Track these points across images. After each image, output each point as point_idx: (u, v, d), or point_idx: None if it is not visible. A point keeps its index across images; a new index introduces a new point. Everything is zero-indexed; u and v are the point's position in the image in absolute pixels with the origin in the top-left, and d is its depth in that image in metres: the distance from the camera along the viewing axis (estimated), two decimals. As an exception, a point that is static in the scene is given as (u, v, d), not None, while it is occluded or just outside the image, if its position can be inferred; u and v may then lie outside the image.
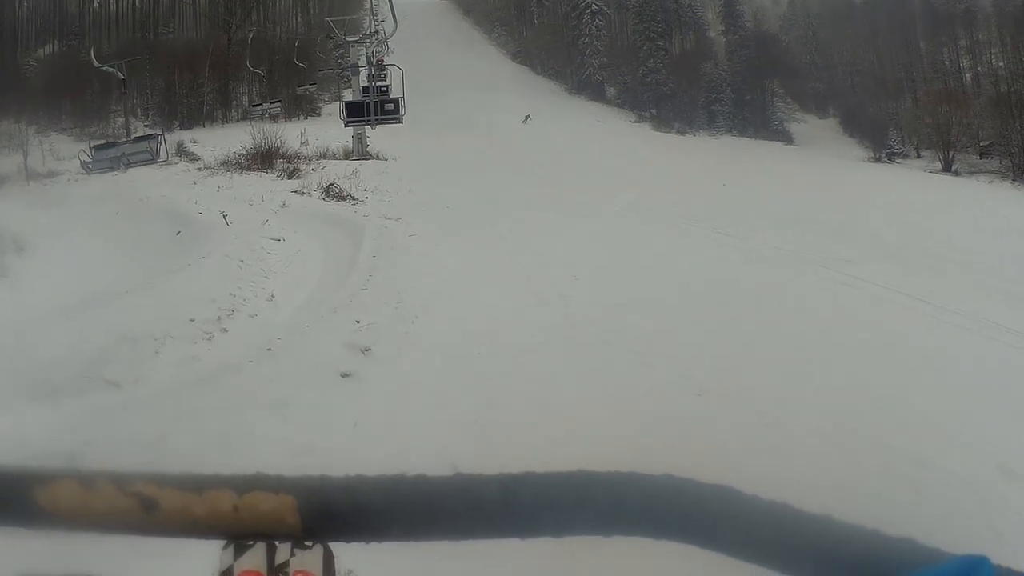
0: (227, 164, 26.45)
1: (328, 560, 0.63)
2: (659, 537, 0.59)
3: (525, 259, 13.64)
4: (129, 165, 31.22)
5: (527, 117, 57.18)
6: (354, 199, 19.94)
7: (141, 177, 25.89)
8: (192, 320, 8.93)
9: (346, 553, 0.65)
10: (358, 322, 8.90)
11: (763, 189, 36.43)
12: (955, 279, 15.94)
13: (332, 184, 20.62)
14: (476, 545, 0.60)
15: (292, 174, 24.03)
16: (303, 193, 20.17)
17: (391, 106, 33.27)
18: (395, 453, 5.34)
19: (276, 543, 0.62)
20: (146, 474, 0.61)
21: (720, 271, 14.54)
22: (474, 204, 20.77)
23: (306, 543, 0.63)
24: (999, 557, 0.55)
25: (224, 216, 14.60)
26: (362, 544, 0.63)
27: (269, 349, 8.08)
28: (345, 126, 34.18)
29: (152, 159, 31.71)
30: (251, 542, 0.62)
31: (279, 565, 0.62)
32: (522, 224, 17.82)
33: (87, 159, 33.35)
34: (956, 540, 0.62)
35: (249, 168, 25.44)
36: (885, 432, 6.52)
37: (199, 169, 26.64)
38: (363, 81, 35.76)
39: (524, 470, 0.60)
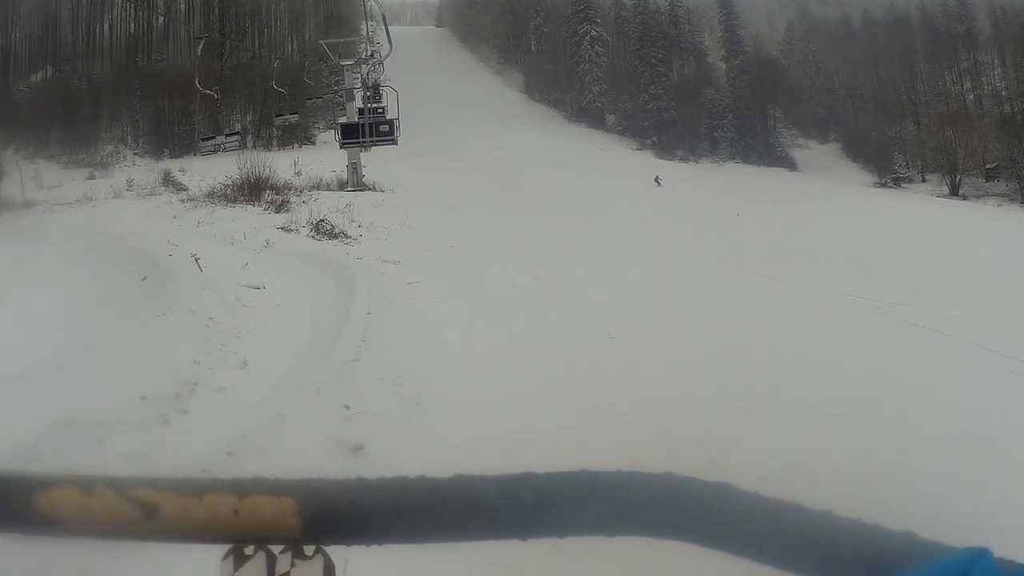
0: (212, 196, 24.78)
1: (328, 569, 0.63)
2: (661, 536, 0.59)
3: (545, 313, 11.75)
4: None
5: (657, 179, 52.70)
6: (347, 237, 18.06)
7: (120, 209, 24.12)
8: (144, 398, 7.05)
9: (346, 556, 0.64)
10: (347, 407, 6.98)
11: (779, 220, 35.17)
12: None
13: (323, 220, 18.75)
14: (478, 546, 0.59)
15: (280, 207, 22.26)
16: (290, 230, 18.30)
17: (386, 128, 32.01)
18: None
19: (276, 552, 0.62)
20: (146, 479, 0.61)
21: (779, 324, 12.65)
22: (478, 243, 18.82)
23: (306, 552, 0.62)
24: (1000, 550, 0.54)
25: (197, 260, 12.73)
26: (363, 547, 0.62)
27: (231, 453, 6.19)
28: (341, 147, 32.81)
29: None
30: (250, 551, 0.62)
31: (279, 575, 0.62)
32: (537, 267, 15.92)
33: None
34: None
35: (235, 200, 23.72)
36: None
37: (182, 201, 25.01)
38: (358, 103, 34.35)
39: (525, 471, 0.60)
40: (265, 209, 22.37)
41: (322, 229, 18.23)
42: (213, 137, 47.58)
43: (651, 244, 22.19)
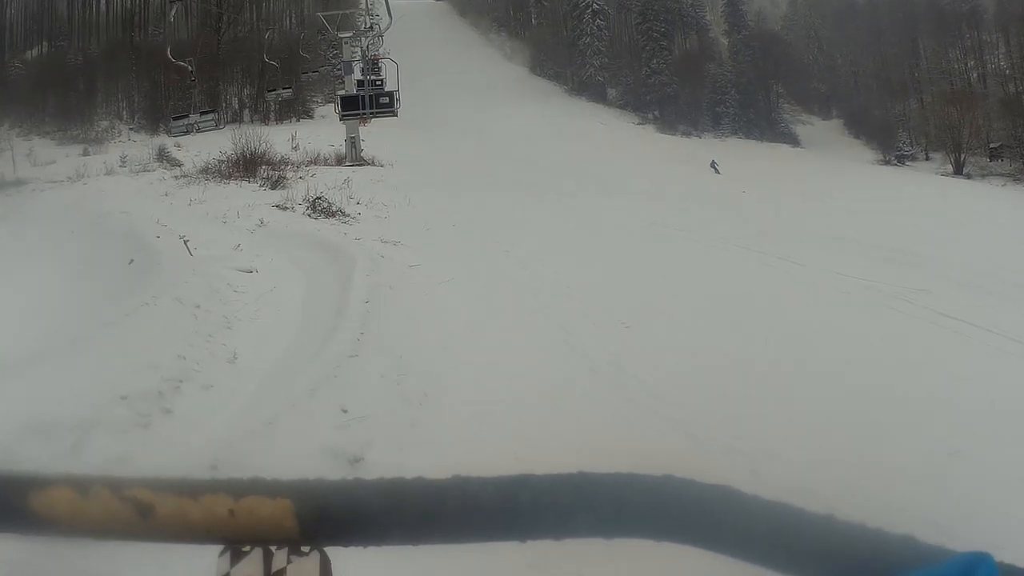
0: (207, 172, 24.05)
1: (325, 567, 0.63)
2: (660, 539, 0.59)
3: (555, 298, 11.03)
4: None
5: (714, 165, 49.83)
6: (345, 215, 17.32)
7: (112, 187, 23.41)
8: (124, 397, 6.40)
9: (343, 557, 0.64)
10: (345, 411, 6.30)
11: (786, 198, 34.52)
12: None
13: (320, 198, 18.01)
14: (476, 548, 0.60)
15: (276, 184, 21.52)
16: (286, 208, 17.59)
17: (386, 99, 31.41)
18: None
19: (273, 550, 0.62)
20: (142, 479, 0.61)
21: (800, 311, 11.94)
22: (481, 221, 17.98)
23: (303, 549, 0.62)
24: (1002, 555, 0.55)
25: (186, 243, 12.05)
26: (360, 548, 0.63)
27: (214, 467, 5.51)
28: (340, 119, 32.28)
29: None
30: (247, 548, 0.62)
31: (276, 572, 0.62)
32: (543, 247, 15.18)
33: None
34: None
35: (230, 177, 23.00)
36: None
37: (175, 178, 24.28)
38: (357, 75, 34.12)
39: (523, 472, 0.61)
40: (261, 186, 21.70)
41: (319, 207, 17.52)
42: (185, 116, 43.53)
43: (659, 222, 21.45)
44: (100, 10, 76.26)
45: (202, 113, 41.94)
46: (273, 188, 21.09)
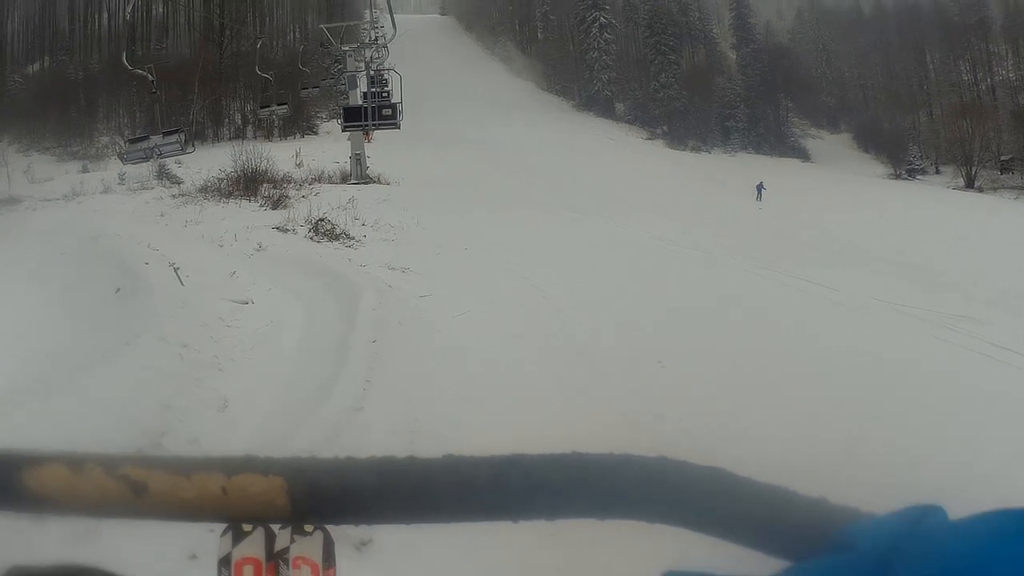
0: (206, 191, 23.15)
1: (328, 546, 0.64)
2: (653, 520, 0.59)
3: (580, 333, 10.02)
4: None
5: (759, 189, 44.54)
6: (349, 238, 16.37)
7: (106, 207, 22.51)
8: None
9: (335, 535, 0.64)
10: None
11: (804, 213, 33.69)
12: None
13: (322, 219, 17.05)
14: (468, 527, 0.59)
15: (278, 203, 20.59)
16: (287, 230, 16.65)
17: (388, 111, 30.75)
18: None
19: (276, 530, 0.63)
20: (135, 457, 0.61)
21: (840, 339, 10.98)
22: (495, 243, 16.92)
23: (306, 529, 0.63)
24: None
25: (176, 270, 11.06)
26: (352, 527, 0.63)
27: (194, 556, 4.56)
28: (343, 131, 31.88)
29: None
30: (249, 528, 0.62)
31: (278, 551, 0.63)
32: (564, 273, 14.14)
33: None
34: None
35: (230, 196, 22.08)
36: None
37: (173, 196, 23.41)
38: (362, 87, 33.28)
39: (516, 452, 0.60)
40: (261, 205, 20.85)
41: (322, 229, 16.59)
42: (145, 138, 36.79)
43: (680, 243, 20.51)
44: (101, 24, 75.92)
45: (165, 133, 34.68)
46: (274, 208, 20.21)
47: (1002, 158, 69.65)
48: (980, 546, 0.37)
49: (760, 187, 43.88)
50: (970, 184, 67.70)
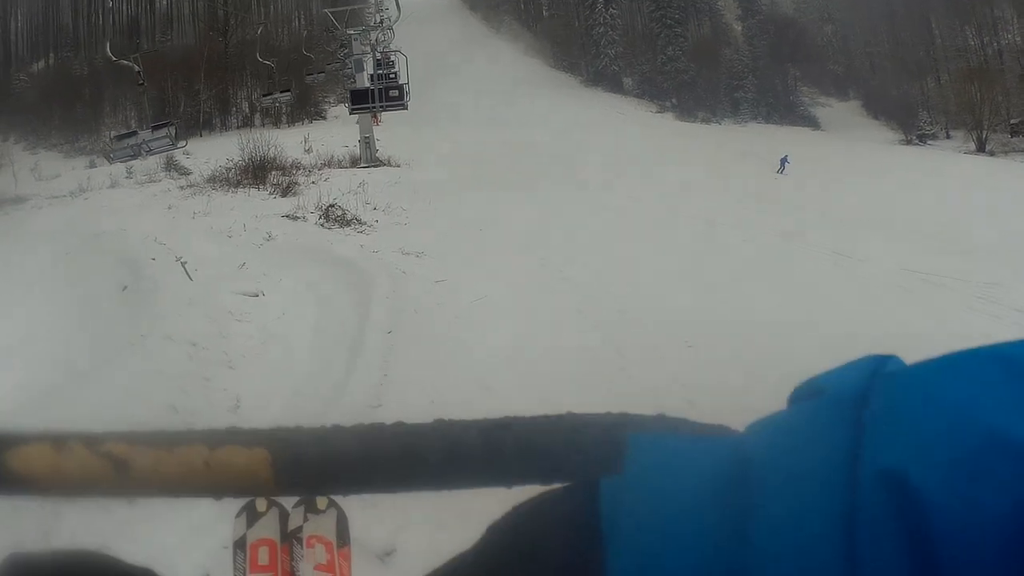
0: (214, 181, 22.79)
1: (342, 523, 0.65)
2: None
3: (603, 312, 9.61)
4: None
5: (783, 163, 42.98)
6: (361, 223, 15.99)
7: (114, 202, 22.14)
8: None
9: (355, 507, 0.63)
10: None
11: (825, 184, 33.32)
12: None
13: (333, 205, 16.69)
14: (460, 495, 0.58)
15: (287, 190, 20.23)
16: (297, 217, 16.28)
17: (396, 92, 30.81)
18: None
19: (289, 508, 0.64)
20: (116, 433, 0.59)
21: (877, 316, 10.59)
22: (509, 223, 16.54)
23: (319, 506, 0.64)
24: None
25: (183, 264, 10.73)
26: (340, 496, 0.63)
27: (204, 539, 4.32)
28: (350, 113, 31.70)
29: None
30: (263, 509, 0.63)
31: (292, 531, 0.64)
32: (579, 251, 13.74)
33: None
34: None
35: (238, 185, 21.73)
36: None
37: (181, 188, 22.98)
38: (369, 69, 33.12)
39: (509, 414, 0.58)
40: (271, 193, 20.47)
41: (332, 215, 16.22)
42: (133, 133, 33.28)
43: (699, 216, 20.11)
44: (106, 19, 75.83)
45: (153, 128, 32.78)
46: (284, 195, 19.83)
47: (1012, 121, 69.46)
48: (963, 378, 0.38)
49: (784, 160, 42.73)
50: (981, 148, 67.39)
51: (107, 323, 9.11)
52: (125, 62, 29.46)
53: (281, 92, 47.31)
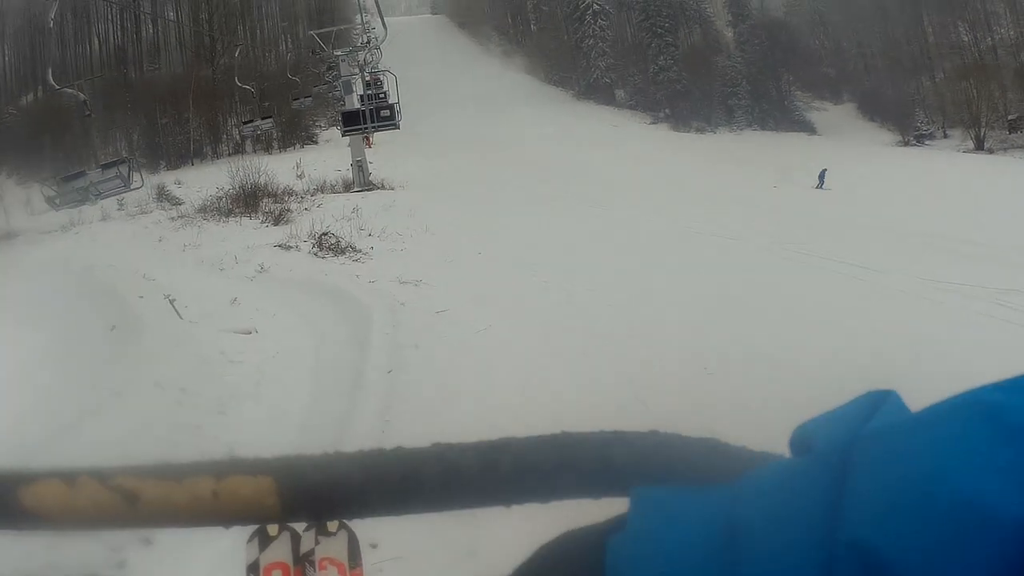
0: (205, 211, 22.41)
1: (353, 545, 0.66)
2: None
3: (620, 348, 9.05)
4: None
5: (822, 177, 40.00)
6: (355, 251, 15.58)
7: (105, 233, 21.78)
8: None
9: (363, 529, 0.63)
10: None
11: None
12: None
13: (326, 233, 16.29)
14: (460, 515, 0.60)
15: (279, 219, 19.84)
16: (290, 247, 15.88)
17: (387, 112, 30.16)
18: None
19: (300, 532, 0.65)
20: (126, 467, 0.61)
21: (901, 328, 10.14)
22: (510, 246, 16.05)
23: (330, 528, 0.65)
24: None
25: (172, 302, 10.28)
26: (344, 521, 0.65)
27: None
28: (343, 135, 31.43)
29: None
30: (275, 533, 0.64)
31: (304, 554, 0.65)
32: (587, 275, 13.19)
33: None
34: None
35: (229, 214, 21.35)
36: None
37: (172, 219, 22.58)
38: (359, 90, 33.21)
39: (504, 436, 0.59)
40: (262, 222, 20.11)
41: (326, 244, 15.82)
42: (81, 174, 28.48)
43: (702, 230, 19.70)
44: (93, 49, 75.68)
45: (104, 167, 28.25)
46: (276, 224, 19.45)
47: (1009, 117, 69.03)
48: (940, 433, 0.38)
49: (823, 174, 40.19)
50: (980, 146, 67.30)
51: (93, 369, 8.64)
52: (69, 90, 27.13)
53: (262, 119, 46.57)
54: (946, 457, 0.36)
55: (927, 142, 74.06)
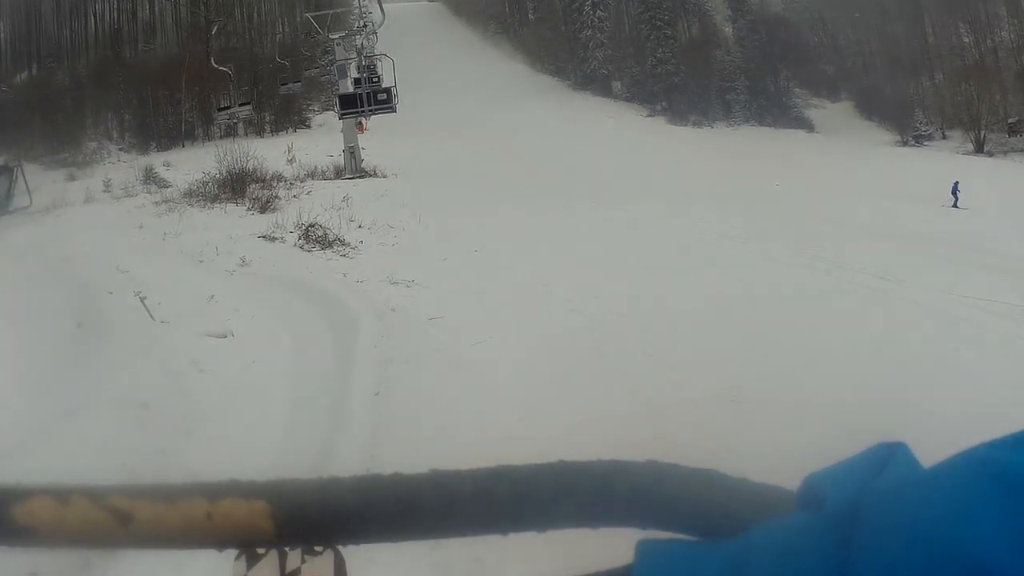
0: (190, 196, 21.61)
1: (339, 565, 0.65)
2: (647, 527, 0.58)
3: (632, 367, 8.18)
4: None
5: (955, 191, 36.50)
6: (344, 244, 14.85)
7: (85, 219, 20.93)
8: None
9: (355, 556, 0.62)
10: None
11: (832, 191, 32.38)
12: None
13: (313, 224, 15.51)
14: (456, 543, 0.58)
15: (266, 206, 19.06)
16: (275, 238, 15.14)
17: (383, 96, 30.05)
18: None
19: (287, 551, 0.63)
20: (120, 487, 0.59)
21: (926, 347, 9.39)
22: (508, 242, 15.29)
23: (316, 549, 0.63)
24: None
25: (143, 300, 9.49)
26: (339, 547, 0.63)
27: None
28: (339, 118, 30.80)
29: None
30: (262, 551, 0.63)
31: (290, 573, 0.64)
32: (592, 277, 12.32)
33: None
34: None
35: (215, 199, 20.57)
36: None
37: (156, 204, 21.77)
38: (354, 73, 32.73)
39: (502, 463, 0.58)
40: (248, 209, 19.43)
41: (312, 236, 15.06)
42: None
43: (708, 230, 18.96)
44: (89, 28, 74.84)
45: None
46: (262, 212, 18.77)
47: (1009, 120, 68.74)
48: (948, 495, 0.38)
49: (956, 188, 36.73)
50: (980, 148, 67.04)
51: (52, 376, 7.83)
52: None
53: (240, 105, 45.60)
54: (955, 520, 0.36)
55: (926, 143, 73.96)
